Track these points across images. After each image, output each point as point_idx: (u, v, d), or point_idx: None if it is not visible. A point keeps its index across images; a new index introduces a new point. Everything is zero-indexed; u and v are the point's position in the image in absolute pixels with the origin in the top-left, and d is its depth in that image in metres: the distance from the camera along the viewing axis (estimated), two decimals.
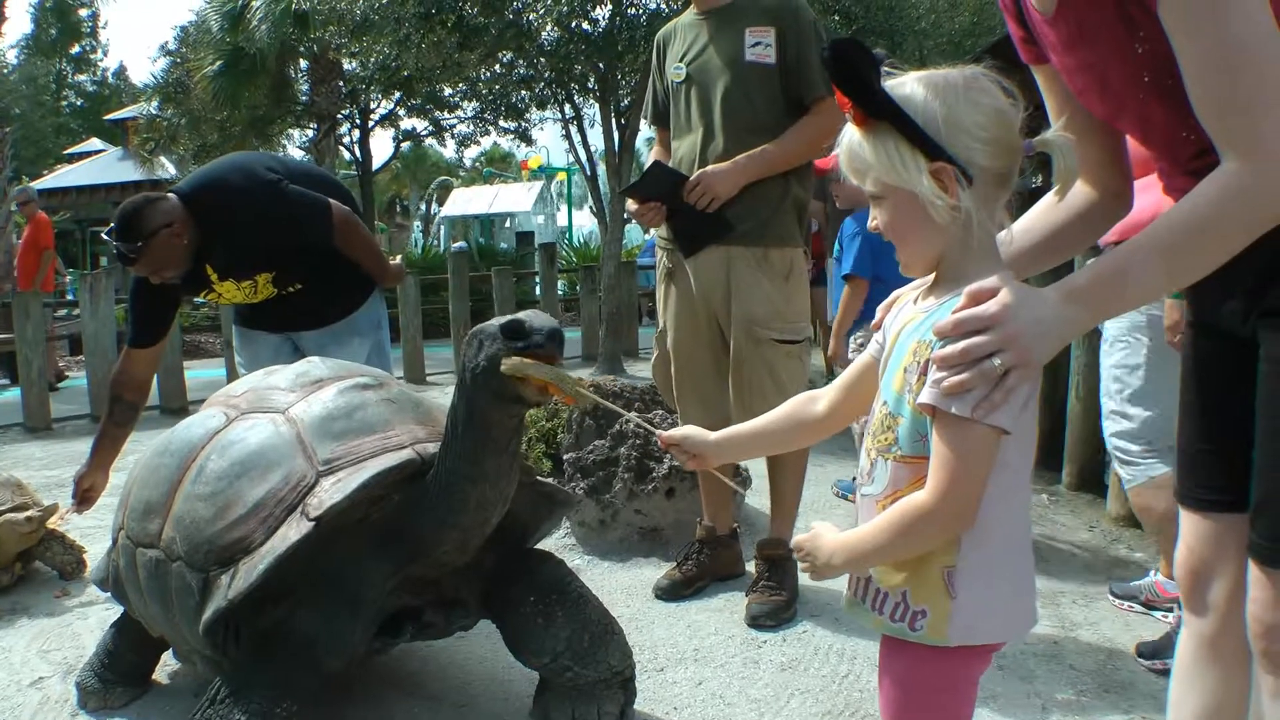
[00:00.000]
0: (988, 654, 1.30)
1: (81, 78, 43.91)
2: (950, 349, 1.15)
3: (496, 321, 1.74)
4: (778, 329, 2.87)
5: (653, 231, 3.07)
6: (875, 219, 1.28)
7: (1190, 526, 1.46)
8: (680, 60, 2.97)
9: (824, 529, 1.31)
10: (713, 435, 1.52)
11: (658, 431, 1.57)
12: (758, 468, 3.23)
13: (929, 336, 1.19)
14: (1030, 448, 1.25)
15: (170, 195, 3.00)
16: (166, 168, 16.71)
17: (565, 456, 3.66)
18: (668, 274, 3.08)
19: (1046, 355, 1.17)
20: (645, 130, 3.28)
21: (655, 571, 3.26)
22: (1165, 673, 2.77)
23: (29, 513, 3.26)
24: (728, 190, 2.81)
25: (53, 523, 3.39)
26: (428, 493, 1.91)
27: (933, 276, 1.29)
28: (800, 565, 1.34)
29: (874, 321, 1.40)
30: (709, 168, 2.83)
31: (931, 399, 1.16)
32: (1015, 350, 1.14)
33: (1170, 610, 2.83)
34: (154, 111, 14.74)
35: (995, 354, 1.13)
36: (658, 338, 3.17)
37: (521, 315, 1.71)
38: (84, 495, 3.07)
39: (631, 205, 3.02)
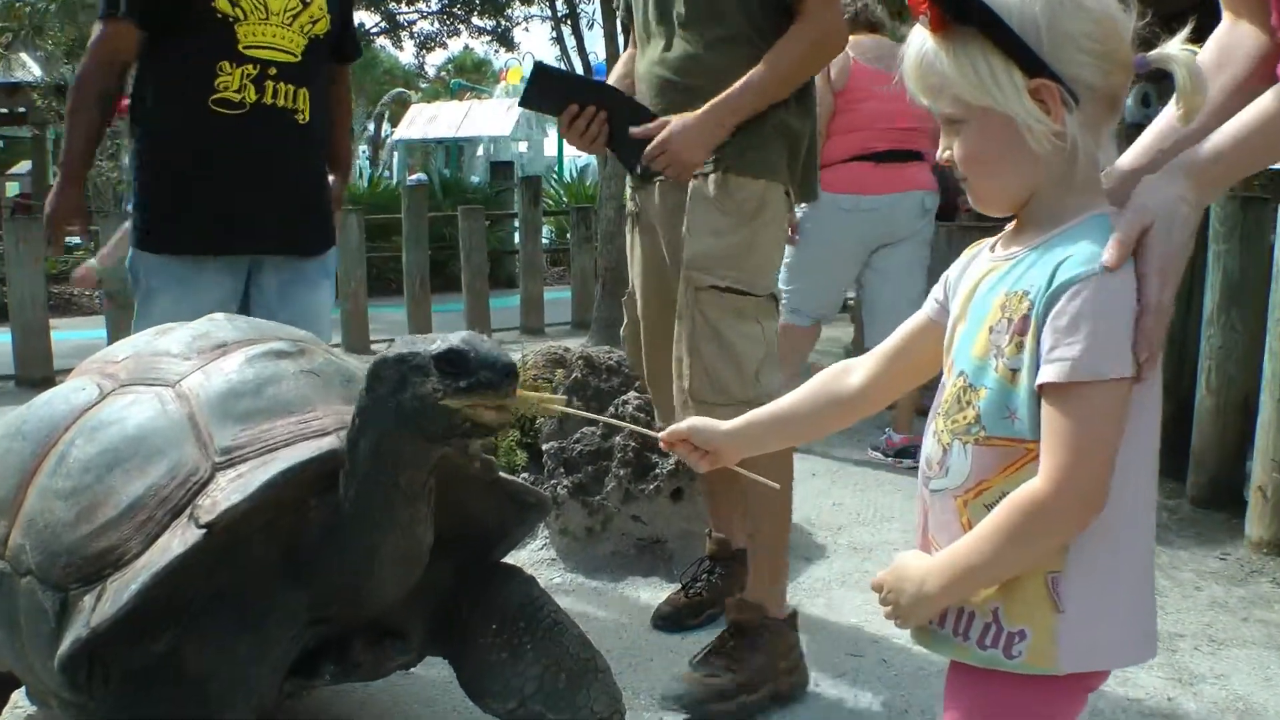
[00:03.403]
0: (1088, 689, 1.32)
1: None
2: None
3: (425, 347, 1.69)
4: (723, 274, 2.67)
5: None
6: (946, 149, 1.31)
7: None
8: None
9: (908, 556, 1.33)
10: (725, 425, 1.56)
11: (657, 434, 1.61)
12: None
13: (1021, 286, 1.22)
14: (1156, 408, 1.27)
15: None
16: (29, 67, 16.59)
17: (545, 446, 3.66)
18: (634, 219, 2.98)
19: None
20: None
21: (656, 594, 3.27)
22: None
23: None
24: (699, 154, 2.66)
25: None
26: (342, 516, 1.89)
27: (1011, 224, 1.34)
28: (884, 612, 1.34)
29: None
30: (672, 126, 2.66)
31: (1063, 374, 1.17)
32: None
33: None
34: None
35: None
36: (626, 300, 3.08)
37: (459, 342, 1.67)
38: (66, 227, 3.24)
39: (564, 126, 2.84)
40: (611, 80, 3.13)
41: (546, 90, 2.82)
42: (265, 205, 3.16)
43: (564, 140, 2.94)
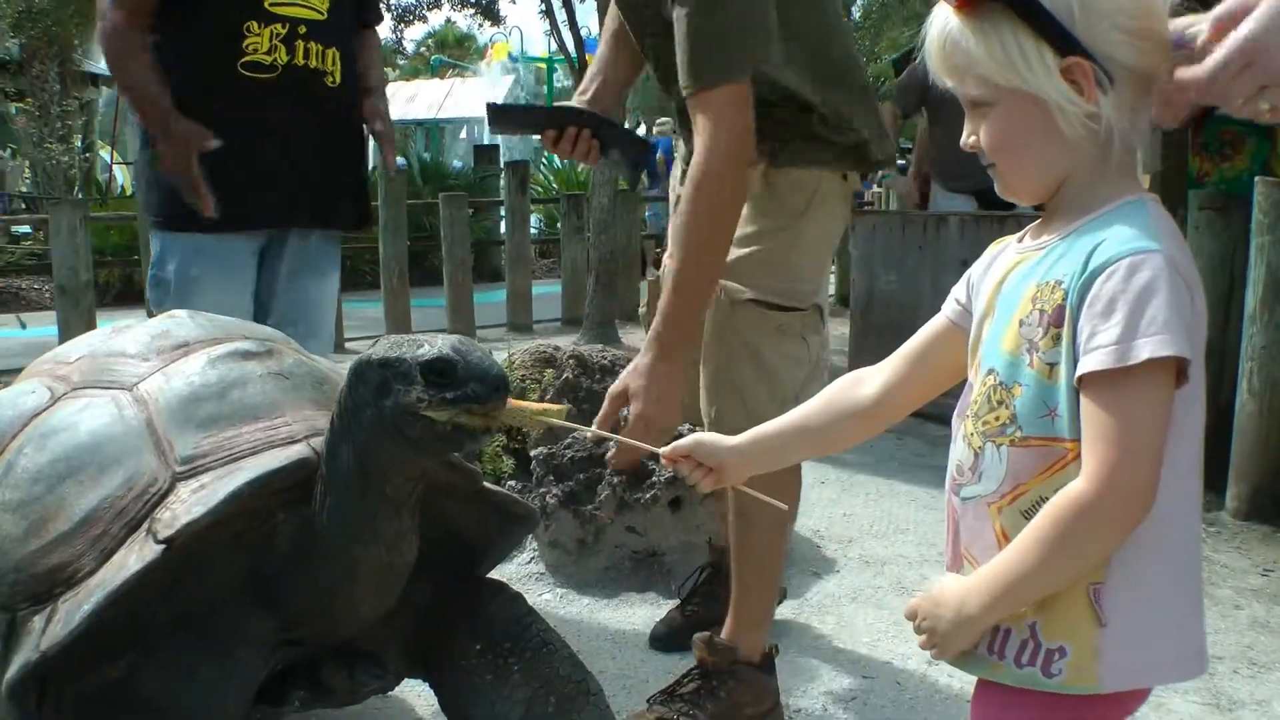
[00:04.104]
0: (1126, 711, 1.32)
1: None
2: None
3: (411, 352, 1.69)
4: (765, 286, 2.55)
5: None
6: (972, 134, 1.32)
7: None
8: None
9: (943, 579, 1.34)
10: (731, 440, 1.58)
11: (658, 450, 1.62)
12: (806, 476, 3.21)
13: (1053, 276, 1.23)
14: (1200, 406, 1.27)
15: None
16: None
17: (534, 452, 3.66)
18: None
19: None
20: None
21: (652, 611, 3.27)
22: None
23: None
24: (674, 410, 2.36)
25: None
26: (315, 529, 1.90)
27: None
28: (919, 641, 1.34)
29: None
30: (634, 400, 2.34)
31: (1102, 362, 1.16)
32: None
33: None
34: None
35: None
36: (651, 285, 3.05)
37: (448, 350, 1.67)
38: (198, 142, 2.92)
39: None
40: (589, 77, 2.99)
41: (512, 120, 2.88)
42: (301, 174, 3.15)
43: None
